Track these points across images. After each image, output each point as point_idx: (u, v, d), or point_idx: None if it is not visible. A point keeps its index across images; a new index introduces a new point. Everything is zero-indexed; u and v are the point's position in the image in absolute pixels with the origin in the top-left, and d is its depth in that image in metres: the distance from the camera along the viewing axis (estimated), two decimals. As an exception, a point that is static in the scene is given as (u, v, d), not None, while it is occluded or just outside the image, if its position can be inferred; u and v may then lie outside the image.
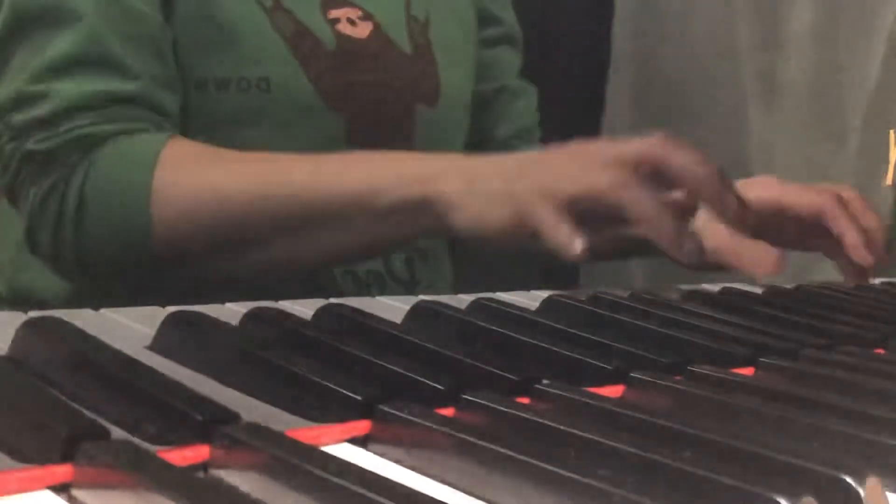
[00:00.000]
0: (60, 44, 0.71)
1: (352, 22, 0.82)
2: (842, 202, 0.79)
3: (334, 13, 0.81)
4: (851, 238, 0.77)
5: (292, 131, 0.78)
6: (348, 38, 0.81)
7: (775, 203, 0.80)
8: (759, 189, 0.81)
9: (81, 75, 0.71)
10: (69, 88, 0.71)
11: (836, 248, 0.79)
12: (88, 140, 0.70)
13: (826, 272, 1.27)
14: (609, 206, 0.58)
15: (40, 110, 0.70)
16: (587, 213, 0.58)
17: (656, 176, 0.59)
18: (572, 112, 1.33)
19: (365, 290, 0.81)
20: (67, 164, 0.70)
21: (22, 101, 0.71)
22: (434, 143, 0.87)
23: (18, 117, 0.71)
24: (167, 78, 0.74)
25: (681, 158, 0.59)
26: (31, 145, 0.70)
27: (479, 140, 0.97)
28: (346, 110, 0.80)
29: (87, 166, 0.70)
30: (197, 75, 0.75)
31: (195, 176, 0.69)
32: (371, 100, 0.82)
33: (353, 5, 0.82)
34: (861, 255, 0.76)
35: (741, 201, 0.60)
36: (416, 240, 0.71)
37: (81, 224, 0.70)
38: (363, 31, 0.83)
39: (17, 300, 0.79)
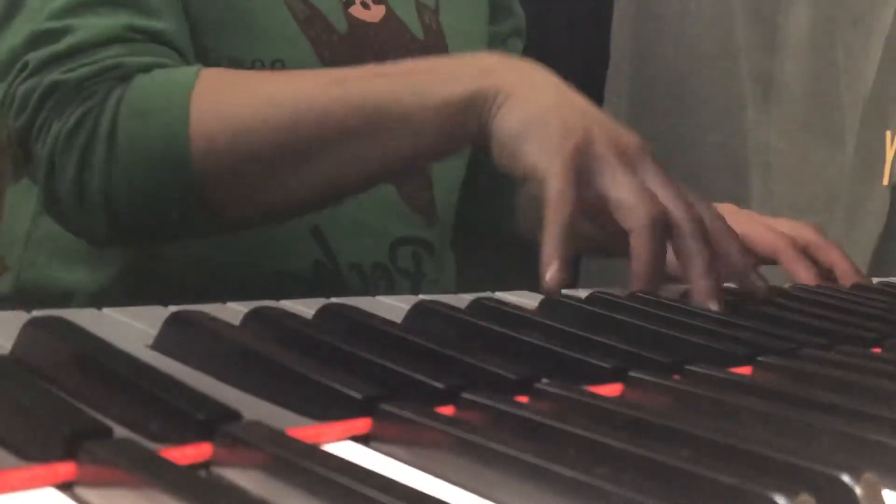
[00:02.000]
0: None
1: (365, 5, 0.82)
2: (796, 246, 0.80)
3: None
4: (805, 279, 0.78)
5: None
6: (360, 21, 0.81)
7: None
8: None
9: (106, 12, 0.68)
10: (94, 22, 0.67)
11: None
12: (124, 68, 0.67)
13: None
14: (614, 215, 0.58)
15: (66, 42, 0.67)
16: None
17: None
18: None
19: (371, 283, 0.81)
20: (100, 92, 0.66)
21: (39, 39, 0.67)
22: None
23: (36, 54, 0.67)
24: (184, 25, 0.72)
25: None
26: (56, 76, 0.66)
27: None
28: None
29: (121, 93, 0.66)
30: (211, 56, 0.74)
31: (238, 90, 0.67)
32: None
33: None
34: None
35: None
36: (464, 144, 0.67)
37: (112, 154, 0.65)
38: (376, 14, 0.83)
39: (24, 298, 0.79)
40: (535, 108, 0.60)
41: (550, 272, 0.56)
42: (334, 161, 0.65)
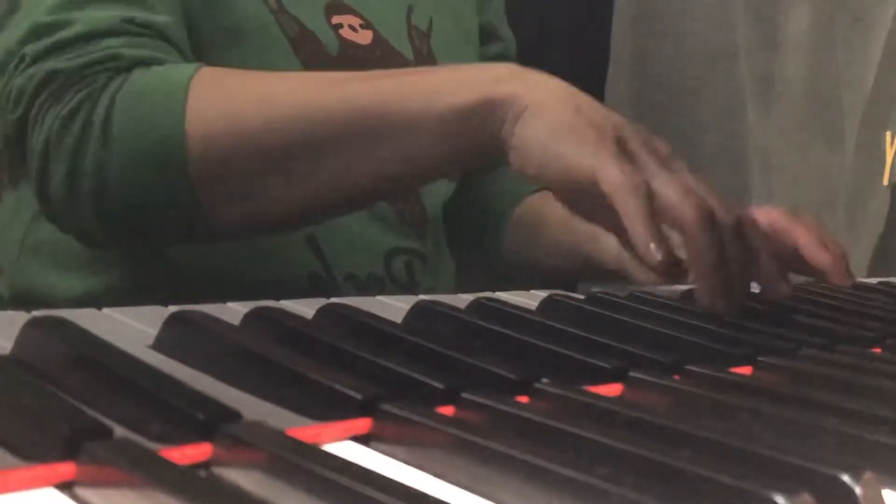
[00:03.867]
0: None
1: (353, 29, 0.82)
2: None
3: (337, 19, 0.81)
4: (805, 242, 0.72)
5: None
6: (351, 43, 0.81)
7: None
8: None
9: (104, 4, 0.67)
10: (94, 15, 0.67)
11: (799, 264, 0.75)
12: (122, 59, 0.66)
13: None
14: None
15: (63, 35, 0.66)
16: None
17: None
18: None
19: (366, 294, 0.81)
20: (99, 80, 0.65)
21: (39, 31, 0.67)
22: None
23: (34, 46, 0.66)
24: (179, 21, 0.72)
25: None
26: (55, 64, 0.65)
27: None
28: None
29: (118, 84, 0.65)
30: None
31: (237, 89, 0.65)
32: None
33: (355, 13, 0.83)
34: (817, 258, 0.72)
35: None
36: (473, 157, 0.63)
37: (106, 145, 0.64)
38: (364, 38, 0.83)
39: (19, 302, 0.79)
40: (559, 115, 0.58)
41: (653, 255, 0.52)
42: (334, 167, 0.63)
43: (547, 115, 0.58)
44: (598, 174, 0.54)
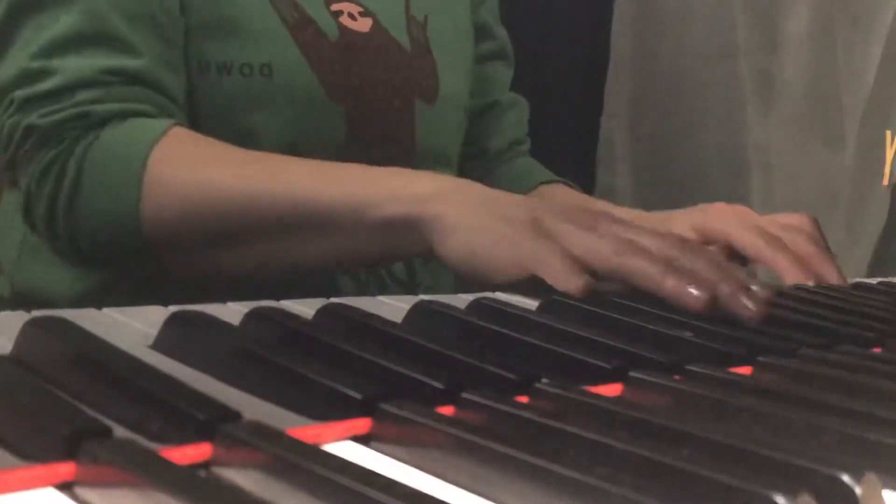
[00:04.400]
0: (64, 22, 0.71)
1: (352, 17, 0.83)
2: (777, 244, 0.76)
3: (337, 6, 0.82)
4: (783, 266, 0.75)
5: (294, 121, 0.78)
6: (350, 30, 0.82)
7: (724, 239, 0.79)
8: (701, 220, 0.81)
9: (86, 52, 0.71)
10: (73, 64, 0.70)
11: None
12: (92, 116, 0.69)
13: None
14: (608, 273, 0.58)
15: (45, 85, 0.70)
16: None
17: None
18: (572, 112, 1.33)
19: (366, 292, 0.81)
20: (69, 139, 0.69)
21: (26, 77, 0.71)
22: (434, 142, 0.87)
23: (22, 93, 0.71)
24: (171, 59, 0.74)
25: (693, 264, 0.58)
26: (34, 119, 0.70)
27: (472, 152, 0.98)
28: (347, 102, 0.80)
29: (89, 143, 0.69)
30: (199, 58, 0.75)
31: (189, 170, 0.69)
32: (371, 93, 0.82)
33: (354, 1, 0.83)
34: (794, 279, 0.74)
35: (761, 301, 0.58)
36: (405, 258, 0.69)
37: (75, 201, 0.69)
38: (363, 25, 0.83)
39: (20, 301, 0.79)
40: (477, 225, 0.60)
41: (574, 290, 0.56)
42: (278, 251, 0.68)
43: (466, 229, 0.60)
44: (521, 261, 0.58)
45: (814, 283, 0.74)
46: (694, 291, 0.55)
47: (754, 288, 0.56)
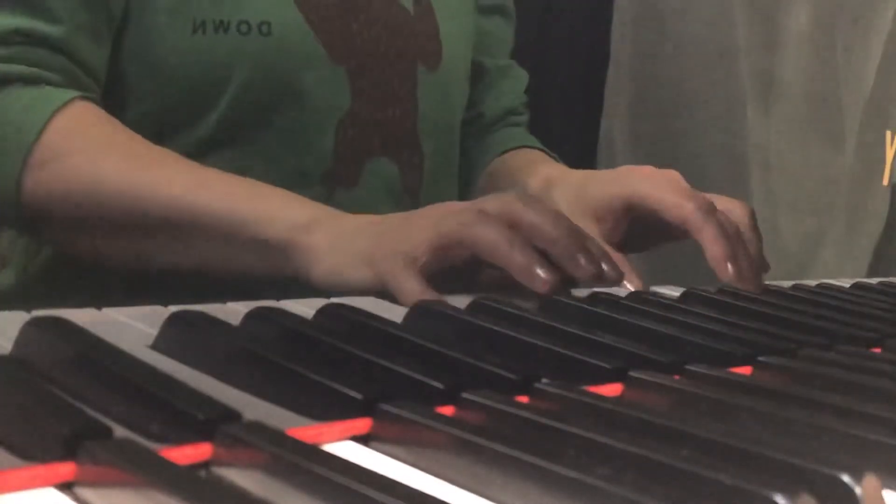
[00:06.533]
0: None
1: None
2: (709, 210, 0.70)
3: None
4: (715, 251, 0.68)
5: (294, 82, 0.77)
6: None
7: (639, 202, 0.74)
8: (623, 183, 0.77)
9: (3, 10, 0.69)
10: None
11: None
12: None
13: (825, 272, 1.28)
14: (459, 248, 0.57)
15: None
16: (455, 263, 0.58)
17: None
18: (572, 112, 1.33)
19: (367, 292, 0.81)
20: None
21: None
22: (436, 108, 0.86)
23: None
24: (94, 27, 0.73)
25: (531, 216, 0.58)
26: None
27: (470, 117, 0.97)
28: (348, 62, 0.79)
29: None
30: (195, 16, 0.74)
31: (80, 153, 0.68)
32: (373, 54, 0.81)
33: None
34: (722, 270, 0.67)
35: (600, 258, 0.59)
36: (281, 278, 0.70)
37: None
38: None
39: (28, 292, 0.79)
40: (343, 252, 0.61)
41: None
42: (159, 249, 0.68)
43: (333, 257, 0.61)
44: (378, 278, 0.58)
45: (733, 269, 0.67)
46: (541, 273, 0.55)
47: (606, 269, 0.59)
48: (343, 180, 0.80)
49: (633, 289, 0.65)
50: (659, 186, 0.73)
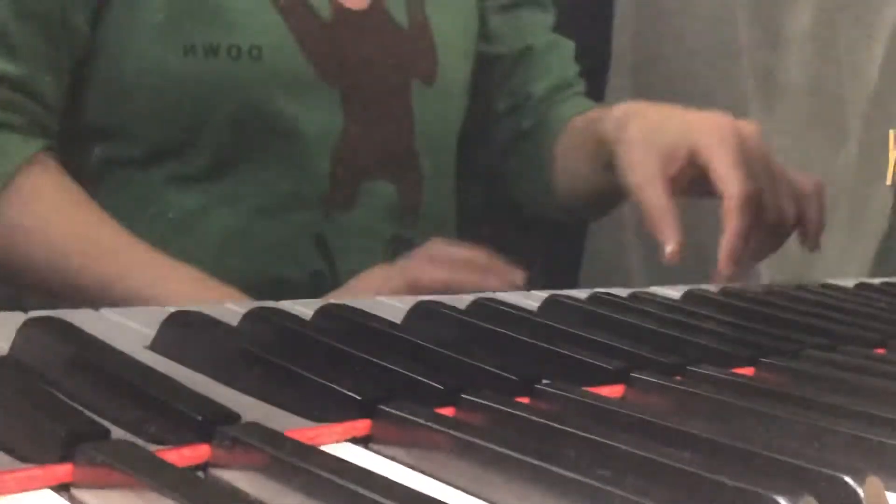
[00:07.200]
0: None
1: None
2: (748, 201, 0.70)
3: None
4: (726, 245, 0.68)
5: (286, 106, 0.76)
6: (345, 8, 0.80)
7: (698, 159, 0.73)
8: (690, 137, 0.76)
9: None
10: None
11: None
12: None
13: (828, 272, 1.27)
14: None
15: None
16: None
17: None
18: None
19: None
20: None
21: None
22: (434, 123, 0.86)
23: None
24: (55, 62, 0.73)
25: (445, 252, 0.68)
26: None
27: (516, 102, 0.96)
28: (341, 84, 0.79)
29: None
30: (185, 40, 0.74)
31: (22, 232, 0.71)
32: (366, 74, 0.80)
33: None
34: (721, 266, 0.67)
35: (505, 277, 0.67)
36: None
37: None
38: (360, 3, 0.82)
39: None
40: None
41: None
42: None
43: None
44: None
45: (727, 270, 0.68)
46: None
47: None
48: (339, 203, 0.79)
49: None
50: (723, 148, 0.73)
